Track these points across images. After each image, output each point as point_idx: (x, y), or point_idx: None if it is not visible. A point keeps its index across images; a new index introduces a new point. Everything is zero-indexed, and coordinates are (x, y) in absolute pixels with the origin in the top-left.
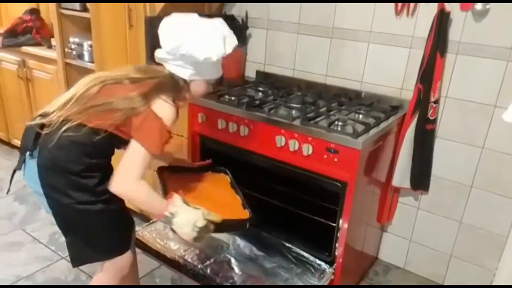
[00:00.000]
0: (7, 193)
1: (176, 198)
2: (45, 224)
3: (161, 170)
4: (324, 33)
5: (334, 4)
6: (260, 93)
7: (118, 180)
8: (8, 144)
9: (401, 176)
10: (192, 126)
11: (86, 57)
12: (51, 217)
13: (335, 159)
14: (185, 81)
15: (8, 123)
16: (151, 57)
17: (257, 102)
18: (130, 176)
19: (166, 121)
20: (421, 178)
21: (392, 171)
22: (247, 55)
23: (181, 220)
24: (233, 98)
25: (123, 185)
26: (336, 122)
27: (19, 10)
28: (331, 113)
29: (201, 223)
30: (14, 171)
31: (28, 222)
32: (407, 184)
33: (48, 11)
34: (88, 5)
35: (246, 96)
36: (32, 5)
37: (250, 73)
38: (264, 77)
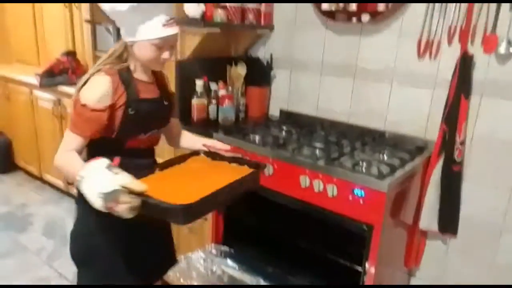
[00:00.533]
0: None
1: (96, 161)
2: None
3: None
4: (347, 73)
5: (357, 45)
6: (284, 132)
7: None
8: (40, 179)
9: (428, 218)
10: None
11: None
12: None
13: (361, 201)
14: (125, 46)
15: (41, 159)
16: (180, 99)
17: (281, 141)
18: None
19: (88, 99)
20: (449, 221)
21: (418, 213)
22: (271, 94)
23: (88, 184)
24: (257, 137)
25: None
26: (360, 163)
27: (56, 52)
28: (355, 153)
29: (108, 189)
30: None
31: (55, 258)
32: (434, 227)
33: (84, 53)
34: None
35: (270, 135)
36: (69, 48)
37: (274, 111)
38: (287, 116)
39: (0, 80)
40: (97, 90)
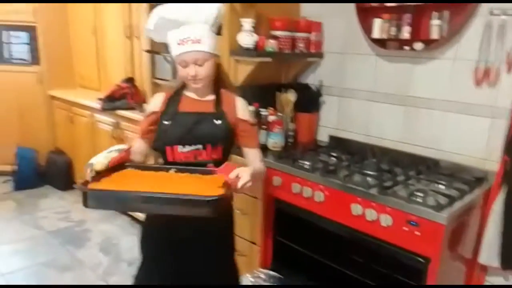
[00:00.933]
0: None
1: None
2: (127, 277)
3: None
4: (398, 100)
5: (409, 73)
6: (334, 159)
7: None
8: None
9: (489, 253)
10: (267, 188)
11: None
12: (132, 269)
13: (417, 232)
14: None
15: None
16: None
17: (331, 167)
18: None
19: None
20: None
21: (478, 247)
22: (320, 120)
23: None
24: (307, 163)
25: None
26: (416, 193)
27: (116, 78)
28: (410, 182)
29: (90, 161)
30: None
31: (111, 274)
32: (495, 262)
33: (142, 80)
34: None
35: (319, 161)
36: (128, 75)
37: (323, 137)
38: (336, 142)
39: (65, 104)
40: (151, 102)
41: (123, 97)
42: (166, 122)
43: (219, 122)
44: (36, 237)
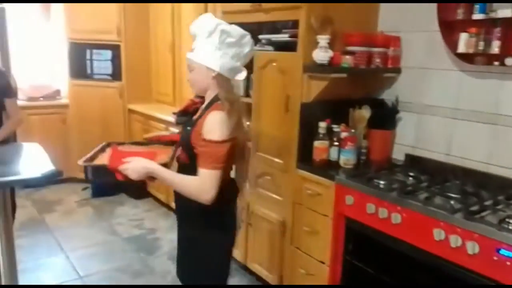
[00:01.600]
0: None
1: None
2: None
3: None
4: (485, 119)
5: (499, 89)
6: (412, 179)
7: None
8: (167, 206)
9: None
10: (338, 207)
11: None
12: None
13: (508, 263)
14: None
15: (169, 187)
16: (302, 135)
17: (409, 188)
18: None
19: None
20: None
21: None
22: (395, 137)
23: None
24: (382, 182)
25: None
26: (507, 220)
27: (190, 94)
28: (499, 207)
29: None
30: None
31: (178, 282)
32: None
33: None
34: (251, 92)
35: (396, 181)
36: None
37: (398, 155)
38: (413, 161)
39: (142, 117)
40: None
41: (195, 111)
42: None
43: (188, 129)
44: (112, 243)
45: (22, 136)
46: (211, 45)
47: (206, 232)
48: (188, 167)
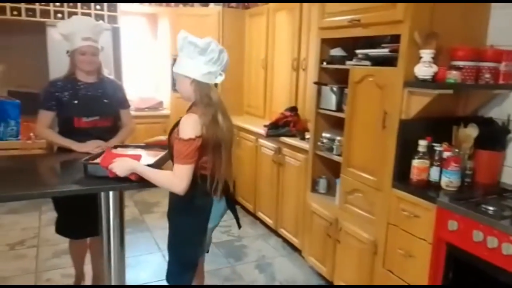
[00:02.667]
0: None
1: None
2: None
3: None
4: None
5: None
6: None
7: None
8: (253, 215)
9: None
10: (439, 231)
11: (335, 151)
12: None
13: None
14: None
15: (257, 198)
16: (400, 153)
17: None
18: None
19: None
20: None
21: None
22: (506, 160)
23: None
24: (491, 208)
25: None
26: None
27: (278, 107)
28: None
29: None
30: None
31: None
32: None
33: (304, 109)
34: (345, 107)
35: (508, 208)
36: (292, 104)
37: (509, 180)
38: None
39: (234, 128)
40: None
41: (286, 125)
42: None
43: (174, 130)
44: None
45: (130, 142)
46: (184, 56)
47: (187, 216)
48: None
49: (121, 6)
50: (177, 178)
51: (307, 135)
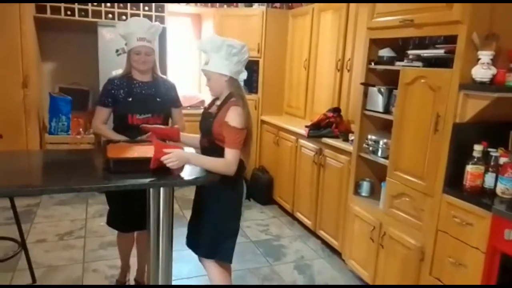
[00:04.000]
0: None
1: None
2: None
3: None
4: None
5: None
6: None
7: None
8: (291, 215)
9: None
10: (494, 241)
11: (380, 153)
12: None
13: None
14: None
15: (295, 198)
16: (452, 158)
17: None
18: None
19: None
20: None
21: None
22: None
23: None
24: None
25: None
26: None
27: (320, 108)
28: None
29: None
30: None
31: None
32: None
33: (347, 110)
34: (393, 109)
35: None
36: (334, 105)
37: None
38: None
39: (274, 128)
40: None
41: (328, 126)
42: None
43: (210, 120)
44: (242, 244)
45: None
46: (220, 57)
47: (227, 192)
48: (208, 149)
49: (168, 7)
50: (231, 161)
51: (351, 137)
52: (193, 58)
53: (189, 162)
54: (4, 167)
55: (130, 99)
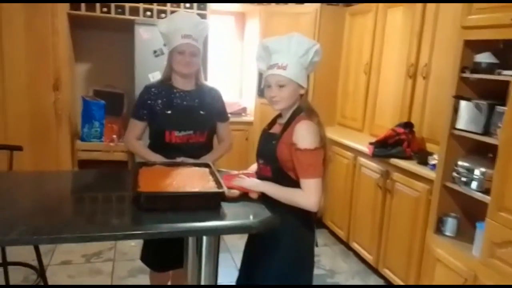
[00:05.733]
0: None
1: None
2: None
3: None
4: None
5: None
6: None
7: None
8: (346, 244)
9: None
10: None
11: (474, 185)
12: None
13: None
14: None
15: (352, 225)
16: None
17: None
18: None
19: None
20: None
21: None
22: None
23: None
24: None
25: None
26: None
27: (386, 122)
28: None
29: None
30: None
31: None
32: None
33: (422, 126)
34: (498, 131)
35: None
36: (403, 119)
37: None
38: None
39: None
40: None
41: (398, 144)
42: None
43: (273, 143)
44: None
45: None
46: (302, 64)
47: (297, 230)
48: (272, 181)
49: (211, 5)
50: (311, 194)
51: (432, 160)
52: (234, 61)
53: (262, 189)
54: (12, 196)
55: (169, 111)
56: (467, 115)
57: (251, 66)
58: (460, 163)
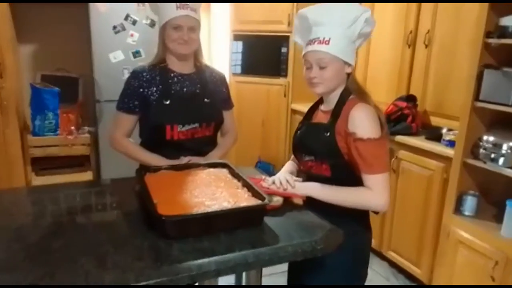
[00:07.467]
0: None
1: None
2: None
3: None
4: None
5: None
6: None
7: None
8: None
9: None
10: None
11: (501, 161)
12: None
13: None
14: None
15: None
16: None
17: None
18: None
19: None
20: None
21: None
22: None
23: None
24: None
25: None
26: None
27: (381, 95)
28: None
29: None
30: None
31: None
32: None
33: (424, 99)
34: None
35: None
36: (402, 92)
37: None
38: None
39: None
40: None
41: (402, 119)
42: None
43: (327, 134)
44: None
45: None
46: (349, 36)
47: (358, 236)
48: (328, 180)
49: None
50: (379, 191)
51: (448, 136)
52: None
53: (312, 193)
54: None
55: (168, 101)
56: (491, 85)
57: (222, 41)
58: (485, 137)
